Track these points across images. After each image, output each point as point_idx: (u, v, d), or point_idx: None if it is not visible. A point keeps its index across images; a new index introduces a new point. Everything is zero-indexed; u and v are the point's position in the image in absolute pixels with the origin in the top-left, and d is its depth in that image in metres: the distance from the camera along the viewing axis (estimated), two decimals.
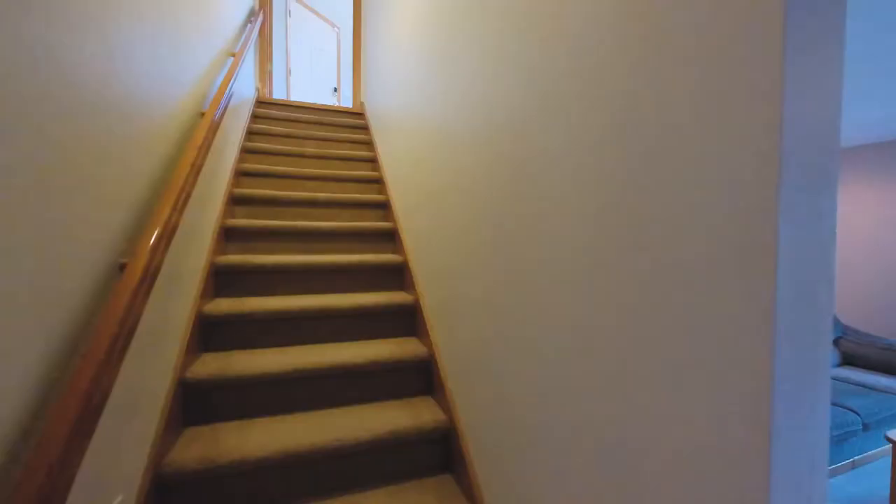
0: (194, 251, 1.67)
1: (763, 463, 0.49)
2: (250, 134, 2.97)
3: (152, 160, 1.28)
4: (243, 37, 2.84)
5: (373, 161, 3.07)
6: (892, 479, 2.14)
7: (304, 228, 2.24)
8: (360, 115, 3.72)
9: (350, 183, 2.81)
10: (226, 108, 1.87)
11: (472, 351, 1.34)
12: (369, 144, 3.30)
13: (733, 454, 0.53)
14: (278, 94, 4.59)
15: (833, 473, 2.55)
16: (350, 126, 3.49)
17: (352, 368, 1.59)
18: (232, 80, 1.94)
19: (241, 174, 2.53)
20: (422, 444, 1.47)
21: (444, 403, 1.53)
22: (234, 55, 2.39)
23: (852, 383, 3.10)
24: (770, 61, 0.49)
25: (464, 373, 1.40)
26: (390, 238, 2.41)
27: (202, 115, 1.71)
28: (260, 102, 3.46)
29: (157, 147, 1.32)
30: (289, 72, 4.76)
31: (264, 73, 3.90)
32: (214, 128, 1.64)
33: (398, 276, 2.18)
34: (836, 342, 3.69)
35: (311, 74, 5.22)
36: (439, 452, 1.49)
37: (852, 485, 2.48)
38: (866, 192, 4.20)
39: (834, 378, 3.22)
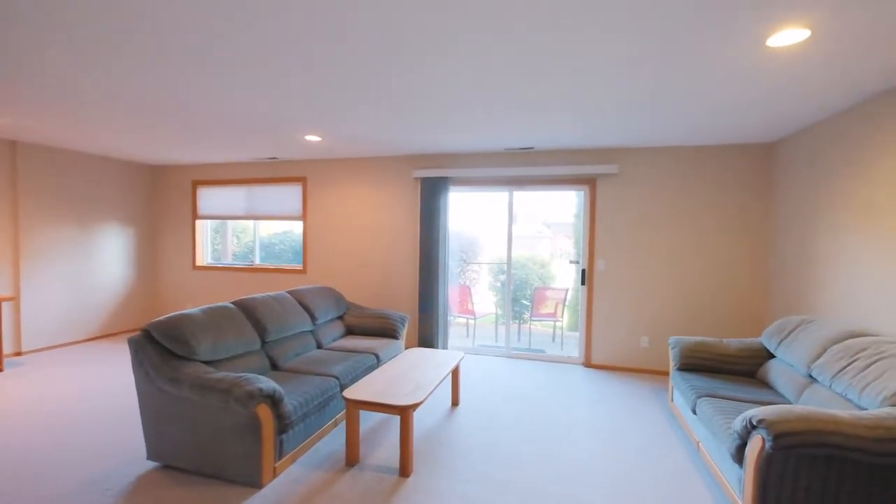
0: None
1: None
2: None
3: None
4: None
5: None
6: (347, 428, 2.52)
7: None
8: None
9: None
10: None
11: None
12: None
13: None
14: None
15: (320, 437, 2.82)
16: None
17: None
18: None
19: None
20: None
21: None
22: None
23: (344, 350, 3.68)
24: None
25: None
26: None
27: None
28: None
29: None
30: None
31: None
32: None
33: None
34: (341, 318, 4.40)
35: None
36: None
37: (332, 442, 2.82)
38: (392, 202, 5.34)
39: (331, 348, 3.73)
